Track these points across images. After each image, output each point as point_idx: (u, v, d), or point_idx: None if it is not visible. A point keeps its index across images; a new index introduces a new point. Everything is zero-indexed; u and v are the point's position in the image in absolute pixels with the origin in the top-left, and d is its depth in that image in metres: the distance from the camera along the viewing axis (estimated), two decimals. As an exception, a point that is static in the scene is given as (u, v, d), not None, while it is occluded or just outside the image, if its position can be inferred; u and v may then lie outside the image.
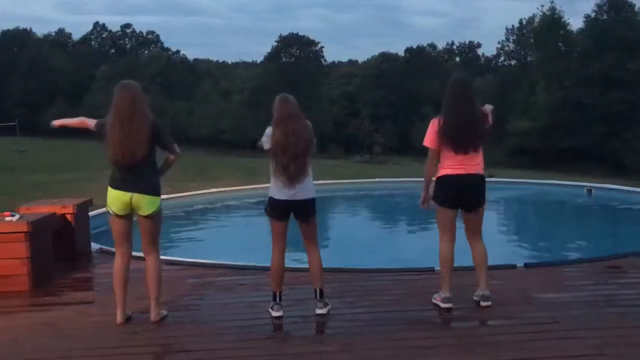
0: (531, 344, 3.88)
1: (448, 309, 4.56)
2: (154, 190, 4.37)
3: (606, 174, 32.41)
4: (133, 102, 4.24)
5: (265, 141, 4.41)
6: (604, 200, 13.10)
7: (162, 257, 4.69)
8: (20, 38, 74.20)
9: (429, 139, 4.51)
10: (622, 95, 41.03)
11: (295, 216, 4.47)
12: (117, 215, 4.36)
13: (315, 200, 4.46)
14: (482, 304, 4.55)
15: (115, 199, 4.31)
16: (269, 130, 4.41)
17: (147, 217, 4.38)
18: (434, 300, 4.70)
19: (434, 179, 4.57)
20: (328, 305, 4.56)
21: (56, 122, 4.78)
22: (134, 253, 4.58)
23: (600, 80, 42.24)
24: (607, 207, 12.79)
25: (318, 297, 4.54)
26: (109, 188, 4.34)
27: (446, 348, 3.87)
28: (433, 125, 4.49)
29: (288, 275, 4.72)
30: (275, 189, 4.40)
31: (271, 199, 4.44)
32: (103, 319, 4.56)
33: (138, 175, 4.29)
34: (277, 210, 4.42)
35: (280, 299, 4.51)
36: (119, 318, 4.43)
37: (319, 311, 4.51)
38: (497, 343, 3.95)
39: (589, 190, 13.56)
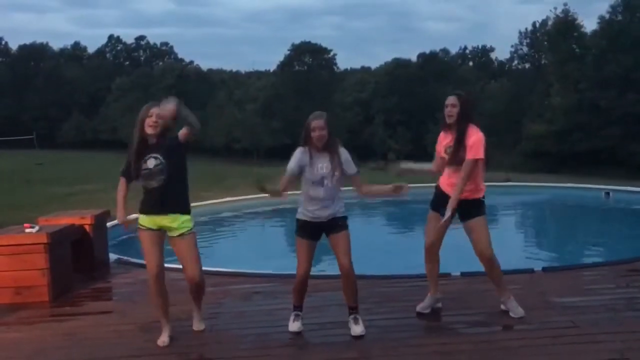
0: (551, 349, 3.84)
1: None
2: None
3: (624, 177, 32.02)
4: None
5: None
6: (623, 203, 12.96)
7: (177, 266, 4.72)
8: (36, 52, 75.26)
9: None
10: (639, 97, 40.52)
11: None
12: None
13: None
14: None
15: None
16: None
17: None
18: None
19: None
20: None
21: None
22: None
23: (616, 82, 41.69)
24: (626, 210, 12.65)
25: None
26: None
27: (464, 354, 3.84)
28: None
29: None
30: None
31: None
32: (122, 328, 4.60)
33: None
34: None
35: None
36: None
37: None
38: (516, 348, 3.92)
39: (607, 194, 13.44)
